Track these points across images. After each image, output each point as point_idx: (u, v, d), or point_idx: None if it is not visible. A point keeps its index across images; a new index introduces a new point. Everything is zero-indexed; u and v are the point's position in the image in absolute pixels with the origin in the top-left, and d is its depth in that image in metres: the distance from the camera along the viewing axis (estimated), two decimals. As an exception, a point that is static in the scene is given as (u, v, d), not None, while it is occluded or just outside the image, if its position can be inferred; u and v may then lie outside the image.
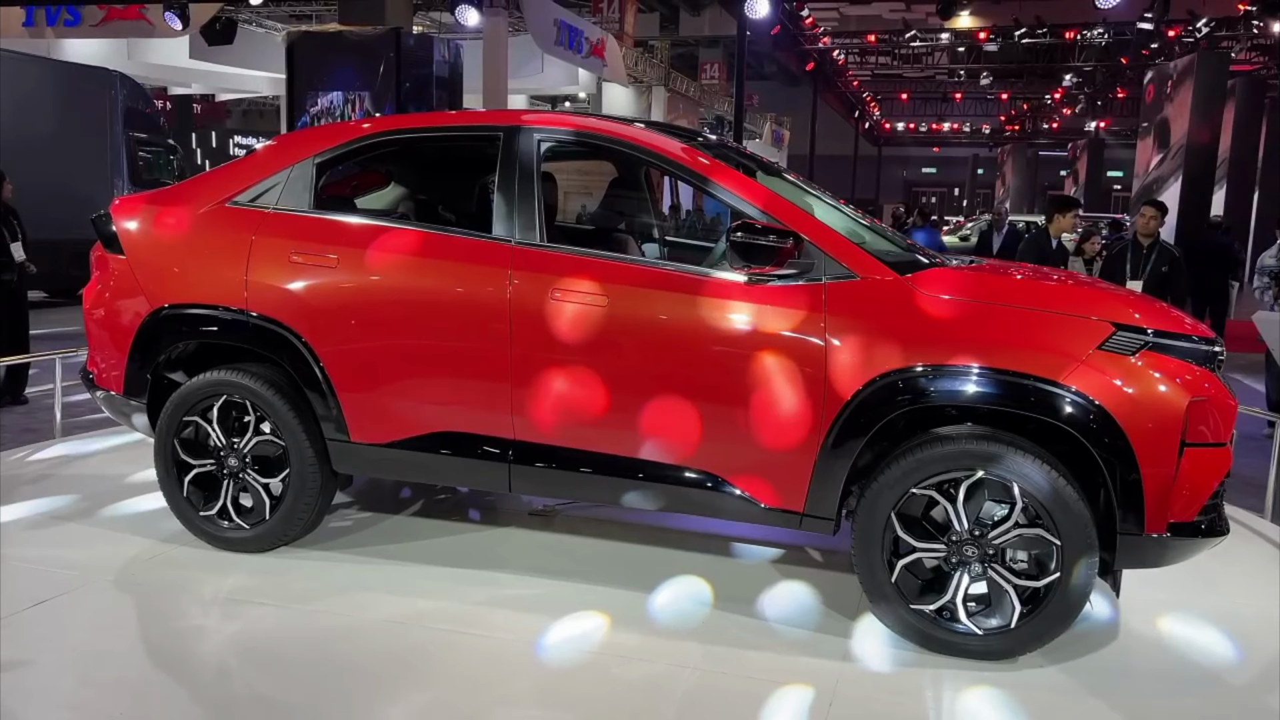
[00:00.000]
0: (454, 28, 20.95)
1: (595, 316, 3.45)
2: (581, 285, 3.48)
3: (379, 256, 3.69)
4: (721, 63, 30.36)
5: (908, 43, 25.45)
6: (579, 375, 3.50)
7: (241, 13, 20.50)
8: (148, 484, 4.61)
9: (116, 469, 5.04)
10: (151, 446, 3.98)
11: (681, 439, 3.43)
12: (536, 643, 3.22)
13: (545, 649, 3.18)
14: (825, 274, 3.31)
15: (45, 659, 3.02)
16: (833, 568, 3.98)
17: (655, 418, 3.44)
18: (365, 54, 14.78)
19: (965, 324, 3.19)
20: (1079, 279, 3.93)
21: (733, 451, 3.37)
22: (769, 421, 3.31)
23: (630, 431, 3.47)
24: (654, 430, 3.45)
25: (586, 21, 20.25)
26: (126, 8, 18.22)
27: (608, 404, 3.48)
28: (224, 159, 34.06)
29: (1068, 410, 3.05)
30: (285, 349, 3.75)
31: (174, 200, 4.05)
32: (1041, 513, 3.08)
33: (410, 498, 4.69)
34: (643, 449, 3.47)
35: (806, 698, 2.93)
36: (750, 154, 4.44)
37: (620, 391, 3.46)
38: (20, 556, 3.83)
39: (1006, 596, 3.16)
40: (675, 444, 3.44)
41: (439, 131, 3.94)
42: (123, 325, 3.97)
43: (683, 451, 3.44)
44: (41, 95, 12.96)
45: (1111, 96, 33.04)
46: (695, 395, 3.38)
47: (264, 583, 3.62)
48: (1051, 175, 47.64)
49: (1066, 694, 3.02)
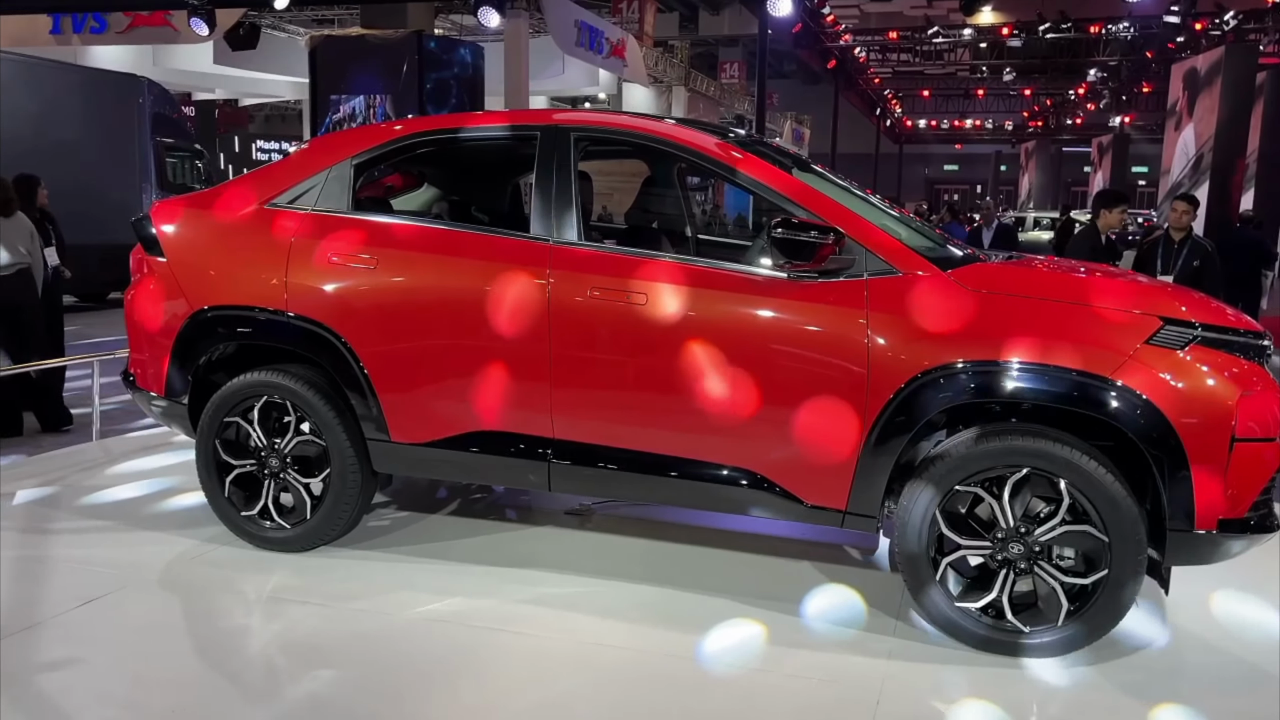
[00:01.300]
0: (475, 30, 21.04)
1: (634, 314, 3.45)
2: (620, 283, 3.48)
3: (417, 256, 3.70)
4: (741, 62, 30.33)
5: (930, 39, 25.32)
6: (618, 374, 3.50)
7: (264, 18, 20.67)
8: (187, 484, 4.66)
9: (156, 470, 5.09)
10: (191, 447, 4.01)
11: (722, 437, 3.42)
12: (579, 642, 3.21)
13: (588, 648, 3.18)
14: (866, 270, 3.29)
15: (96, 658, 3.05)
16: (873, 566, 3.96)
17: (695, 416, 3.43)
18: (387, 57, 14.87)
19: (1009, 320, 3.16)
20: (1124, 274, 3.89)
21: (774, 449, 3.36)
22: (810, 419, 3.29)
23: (670, 430, 3.47)
24: (694, 428, 3.44)
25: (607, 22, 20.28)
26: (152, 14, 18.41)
27: (647, 402, 3.47)
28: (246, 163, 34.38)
29: (1115, 406, 3.02)
30: (325, 349, 3.76)
31: (213, 203, 4.08)
32: (1089, 509, 3.05)
33: (446, 498, 4.71)
34: (683, 447, 3.47)
35: (853, 696, 2.91)
36: (784, 149, 4.42)
37: (660, 390, 3.45)
38: (66, 557, 3.87)
39: (1053, 594, 3.13)
40: (716, 442, 3.43)
41: (476, 132, 3.94)
42: (164, 327, 4.00)
43: (723, 450, 3.43)
44: (71, 101, 13.09)
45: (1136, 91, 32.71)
46: (735, 393, 3.36)
47: (306, 582, 3.64)
48: (1075, 171, 47.22)
49: (1113, 692, 2.98)
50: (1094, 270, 3.68)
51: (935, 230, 3.98)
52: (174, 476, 4.92)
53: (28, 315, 6.14)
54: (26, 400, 6.17)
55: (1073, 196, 44.64)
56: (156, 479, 4.92)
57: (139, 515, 4.36)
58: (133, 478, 4.95)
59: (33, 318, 6.18)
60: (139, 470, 5.10)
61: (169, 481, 4.86)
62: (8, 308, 5.98)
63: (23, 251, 6.05)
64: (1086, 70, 30.44)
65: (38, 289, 6.24)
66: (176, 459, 5.25)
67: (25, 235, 6.10)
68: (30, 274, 6.12)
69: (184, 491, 4.63)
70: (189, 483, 4.61)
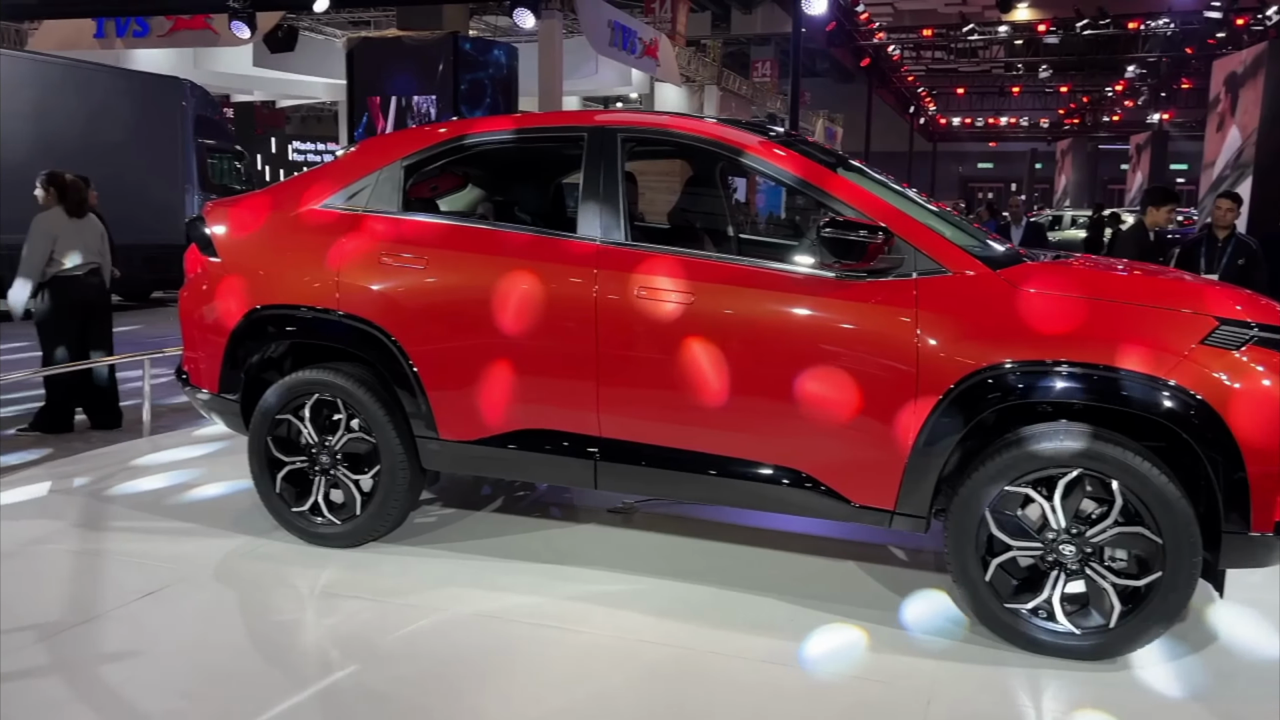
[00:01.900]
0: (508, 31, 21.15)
1: (681, 314, 3.47)
2: (667, 283, 3.50)
3: (467, 257, 3.75)
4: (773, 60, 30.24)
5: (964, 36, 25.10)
6: (665, 373, 3.52)
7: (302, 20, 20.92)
8: (237, 480, 4.74)
9: (206, 465, 5.18)
10: (238, 444, 4.08)
11: (769, 436, 3.43)
12: (626, 639, 3.24)
13: (636, 645, 3.20)
14: (916, 269, 3.29)
15: (156, 649, 3.11)
16: (918, 566, 3.95)
17: (742, 415, 3.45)
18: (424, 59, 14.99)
19: (1062, 319, 3.14)
20: (1177, 273, 3.85)
21: (822, 449, 3.37)
22: (859, 419, 3.29)
23: (717, 429, 3.48)
24: (741, 427, 3.46)
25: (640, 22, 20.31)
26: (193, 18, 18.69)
27: (694, 401, 3.49)
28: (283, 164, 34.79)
29: (1170, 406, 2.99)
30: (376, 348, 3.82)
31: (266, 203, 4.15)
32: (1142, 511, 3.03)
33: (490, 495, 4.76)
34: (730, 446, 3.48)
35: (903, 697, 2.91)
36: (828, 149, 4.42)
37: (707, 389, 3.47)
38: (122, 551, 3.96)
39: (1105, 596, 3.11)
40: (763, 441, 3.44)
41: (524, 133, 3.98)
42: (217, 326, 4.08)
43: (771, 449, 3.44)
44: (116, 104, 13.32)
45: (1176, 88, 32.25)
46: (783, 392, 3.37)
47: (357, 577, 3.69)
48: (1112, 169, 46.62)
49: (1166, 696, 2.96)
50: (1146, 269, 3.65)
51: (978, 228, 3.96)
52: (223, 473, 5.00)
53: (99, 314, 6.32)
54: (82, 398, 6.31)
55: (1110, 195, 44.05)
56: (206, 475, 5.00)
57: (191, 510, 4.44)
58: (183, 474, 5.04)
59: (103, 316, 6.36)
60: (189, 466, 5.19)
61: (219, 477, 4.94)
62: (80, 305, 6.15)
63: (95, 251, 6.21)
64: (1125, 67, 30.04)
65: (108, 288, 6.42)
66: (225, 455, 5.33)
67: (96, 235, 6.28)
68: (101, 273, 6.30)
69: (233, 488, 4.71)
70: (237, 480, 4.69)
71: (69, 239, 6.05)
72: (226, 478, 4.91)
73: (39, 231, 5.98)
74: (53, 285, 6.05)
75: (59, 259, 6.02)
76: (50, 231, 5.99)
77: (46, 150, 11.66)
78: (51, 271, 6.02)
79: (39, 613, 3.34)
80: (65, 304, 6.09)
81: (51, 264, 6.01)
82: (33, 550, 3.94)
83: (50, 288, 6.05)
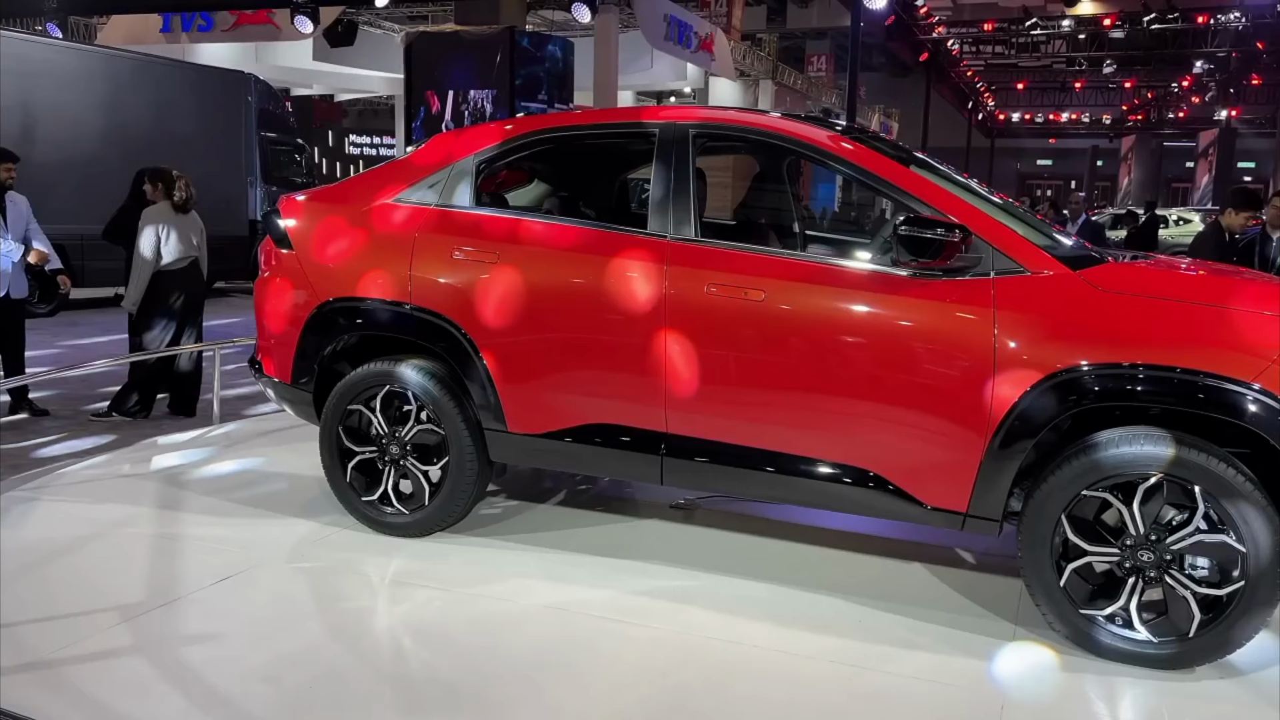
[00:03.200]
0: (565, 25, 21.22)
1: (751, 311, 3.46)
2: (737, 280, 3.49)
3: (537, 252, 3.77)
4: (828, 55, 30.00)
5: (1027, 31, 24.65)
6: (734, 370, 3.52)
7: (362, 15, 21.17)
8: (304, 469, 4.82)
9: (273, 454, 5.29)
10: (306, 433, 4.14)
11: (841, 436, 3.41)
12: (693, 635, 3.24)
13: (702, 641, 3.20)
14: (993, 268, 3.25)
15: (234, 632, 3.19)
16: (988, 569, 3.90)
17: (813, 414, 3.43)
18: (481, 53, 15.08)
19: (1144, 321, 3.09)
20: (1262, 275, 3.75)
21: (895, 450, 3.34)
22: (933, 420, 3.26)
23: (788, 427, 3.47)
24: (812, 426, 3.44)
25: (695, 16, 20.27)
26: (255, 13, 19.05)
27: (764, 399, 3.48)
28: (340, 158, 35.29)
29: (1256, 412, 2.92)
30: (446, 341, 3.86)
31: (340, 197, 4.22)
32: (1225, 519, 2.96)
33: (553, 487, 4.79)
34: (801, 445, 3.46)
35: (977, 701, 2.88)
36: (898, 144, 4.38)
37: (777, 387, 3.46)
38: (198, 536, 4.05)
39: (1184, 604, 3.04)
40: (834, 441, 3.42)
41: (595, 130, 4.00)
42: (291, 317, 4.15)
43: (842, 449, 3.41)
44: (182, 98, 13.61)
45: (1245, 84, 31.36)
46: (856, 392, 3.35)
47: (426, 567, 3.74)
48: (1177, 166, 45.50)
49: (1246, 706, 2.90)
50: (1230, 272, 3.56)
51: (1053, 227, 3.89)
52: (292, 461, 5.09)
53: (195, 306, 6.55)
54: (167, 384, 6.51)
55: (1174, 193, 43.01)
56: (275, 463, 5.11)
57: (261, 498, 4.53)
58: (253, 461, 5.15)
59: (198, 308, 6.58)
60: (258, 454, 5.30)
61: (287, 466, 5.04)
62: (179, 298, 6.38)
63: (195, 244, 6.42)
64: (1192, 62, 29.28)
65: (204, 281, 6.65)
66: (293, 444, 5.44)
67: (197, 230, 6.54)
68: (199, 266, 6.51)
69: (302, 476, 4.80)
70: (307, 468, 4.78)
71: (174, 233, 6.26)
72: (294, 466, 5.00)
73: (148, 226, 6.19)
74: (156, 279, 6.26)
75: (163, 254, 6.22)
76: (159, 226, 6.20)
77: (118, 143, 11.97)
78: (158, 265, 6.23)
79: (122, 594, 3.43)
80: (165, 296, 6.31)
81: (158, 258, 6.22)
82: (114, 533, 4.05)
83: (153, 281, 6.25)
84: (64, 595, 3.42)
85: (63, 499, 4.45)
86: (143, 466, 5.05)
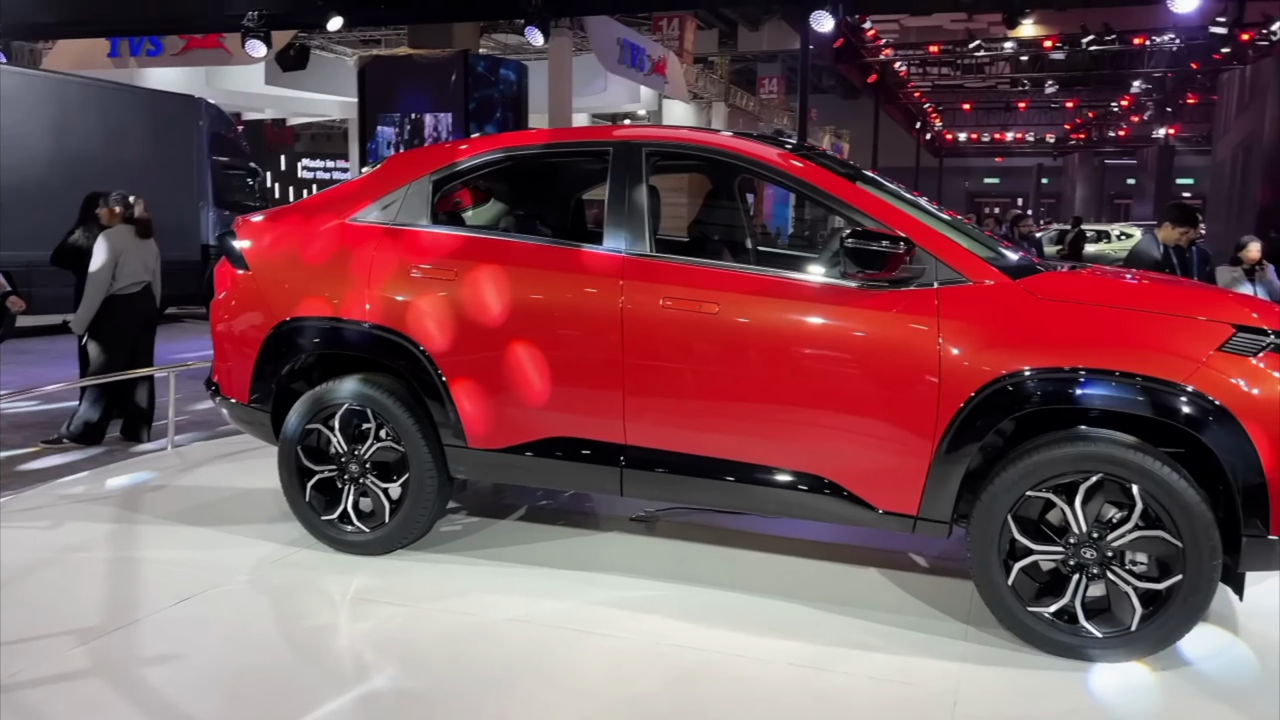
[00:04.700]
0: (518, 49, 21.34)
1: (706, 324, 3.54)
2: (692, 294, 3.57)
3: (495, 269, 3.83)
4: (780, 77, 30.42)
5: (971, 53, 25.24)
6: (690, 381, 3.60)
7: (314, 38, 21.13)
8: (262, 489, 4.81)
9: (231, 475, 5.26)
10: (261, 453, 4.14)
11: (795, 444, 3.49)
12: (658, 643, 3.29)
13: (667, 649, 3.26)
14: (937, 279, 3.36)
15: (196, 653, 3.18)
16: (939, 572, 4.00)
17: (768, 423, 3.52)
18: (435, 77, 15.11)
19: (1081, 327, 3.22)
20: (1192, 282, 3.92)
21: (848, 456, 3.43)
22: (883, 427, 3.36)
23: (744, 437, 3.55)
24: (767, 435, 3.52)
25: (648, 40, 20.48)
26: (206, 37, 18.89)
27: (720, 409, 3.56)
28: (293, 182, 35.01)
29: (1189, 412, 3.06)
30: (405, 359, 3.89)
31: (296, 218, 4.24)
32: (1163, 515, 3.08)
33: (513, 503, 4.82)
34: (756, 454, 3.55)
35: (930, 699, 2.96)
36: (843, 160, 4.50)
37: (733, 398, 3.54)
38: (156, 558, 4.03)
39: (1126, 599, 3.16)
40: (788, 449, 3.51)
41: (550, 149, 4.08)
42: (248, 337, 4.16)
43: (797, 457, 3.50)
44: (133, 122, 13.47)
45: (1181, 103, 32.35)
46: (808, 400, 3.44)
47: (388, 583, 3.76)
48: (1118, 183, 46.74)
49: (1189, 697, 3.01)
50: (1162, 279, 3.71)
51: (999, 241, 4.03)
52: (249, 482, 5.07)
53: (149, 329, 6.53)
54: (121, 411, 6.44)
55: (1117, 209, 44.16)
56: (231, 485, 5.08)
57: (220, 519, 4.50)
58: (209, 483, 5.12)
59: (151, 334, 6.53)
60: (214, 476, 5.26)
61: (244, 487, 5.01)
62: (134, 323, 6.33)
63: (150, 269, 6.38)
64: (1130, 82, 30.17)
65: (158, 307, 6.60)
66: (249, 465, 5.41)
67: (153, 255, 6.50)
68: (151, 291, 6.46)
69: (259, 496, 4.78)
70: (264, 488, 4.76)
71: (131, 257, 6.21)
72: (251, 487, 4.98)
73: (106, 248, 6.12)
74: (109, 303, 6.19)
75: (118, 277, 6.17)
76: (117, 248, 6.14)
77: (67, 169, 11.81)
78: (112, 289, 6.16)
79: (78, 618, 3.40)
80: (118, 321, 6.24)
81: (112, 281, 6.15)
82: (69, 557, 4.01)
83: (106, 305, 6.18)
84: (19, 620, 3.38)
85: (15, 525, 4.39)
86: (97, 490, 4.99)
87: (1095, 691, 3.03)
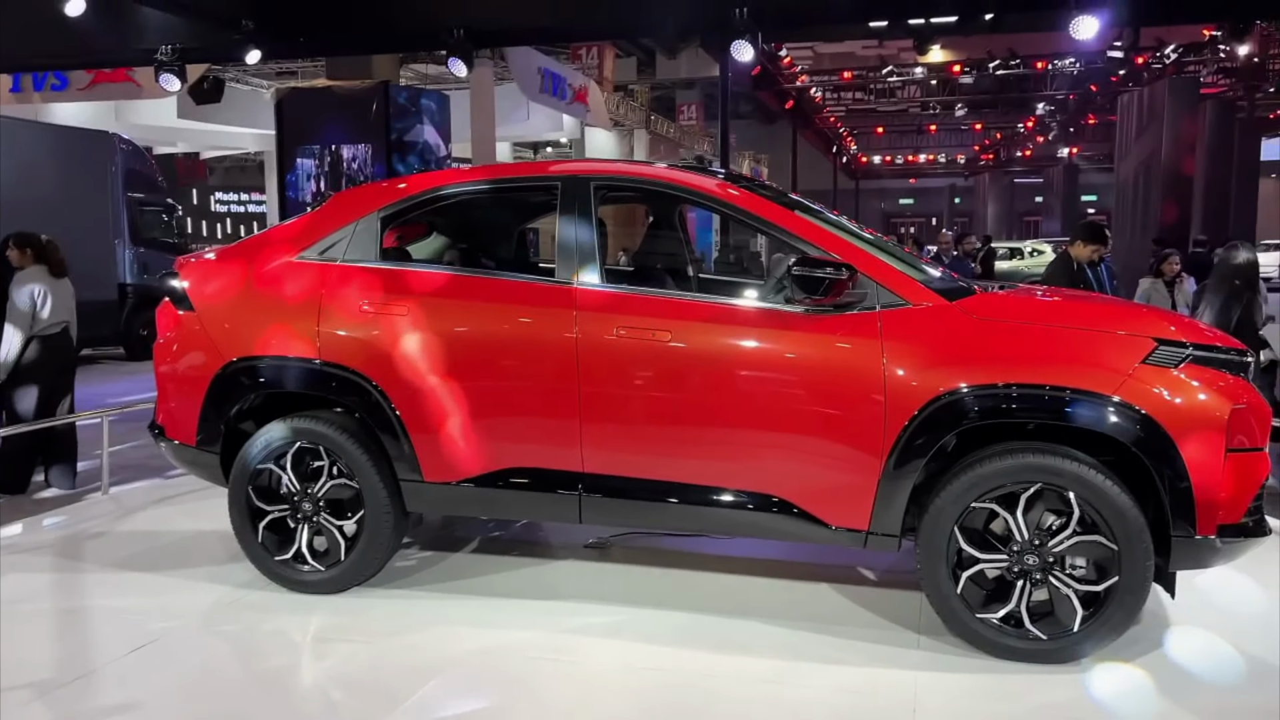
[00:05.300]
0: (439, 79, 21.30)
1: (659, 351, 3.63)
2: (644, 322, 3.66)
3: (447, 302, 3.86)
4: (699, 103, 30.87)
5: (884, 78, 26.05)
6: (646, 408, 3.68)
7: (229, 71, 20.78)
8: (208, 531, 4.73)
9: (173, 518, 5.16)
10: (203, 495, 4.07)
11: (749, 465, 3.59)
12: (624, 666, 3.35)
13: (633, 672, 3.31)
14: (879, 302, 3.51)
15: (154, 701, 3.12)
16: (889, 584, 4.14)
17: (722, 446, 3.61)
18: (354, 108, 14.99)
19: (1016, 345, 3.39)
20: (1117, 300, 4.15)
21: (800, 476, 3.54)
22: (833, 446, 3.48)
23: (699, 460, 3.64)
24: (721, 458, 3.62)
25: (569, 68, 20.65)
26: (114, 71, 18.43)
27: (676, 434, 3.65)
28: (205, 216, 34.24)
29: (1118, 422, 3.24)
30: (358, 395, 3.89)
31: (242, 256, 4.21)
32: (1099, 520, 3.26)
33: (466, 535, 4.82)
34: (712, 476, 3.64)
35: (889, 706, 3.08)
36: (773, 186, 4.66)
37: (687, 422, 3.63)
38: (105, 607, 3.94)
39: (1068, 601, 3.32)
40: (743, 470, 3.61)
41: (498, 184, 4.14)
42: (194, 378, 4.11)
43: (751, 478, 3.60)
44: (44, 159, 13.07)
45: (1083, 123, 33.83)
46: (760, 423, 3.55)
47: (348, 621, 3.74)
48: (1028, 202, 48.54)
49: (1133, 693, 3.18)
50: (1088, 297, 3.93)
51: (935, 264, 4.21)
52: (192, 524, 4.98)
53: (70, 371, 6.31)
54: (44, 455, 6.23)
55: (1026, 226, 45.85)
56: (176, 528, 4.98)
57: (167, 564, 4.42)
58: (151, 527, 5.01)
59: (71, 374, 6.32)
60: (156, 520, 5.15)
61: (189, 529, 4.92)
62: (54, 365, 6.12)
63: (68, 310, 6.20)
64: (1034, 104, 31.46)
65: (75, 347, 6.40)
66: (190, 507, 5.30)
67: (69, 296, 6.27)
68: (69, 332, 6.26)
69: (205, 539, 4.70)
70: (209, 530, 4.68)
71: (50, 297, 6.03)
72: (196, 529, 4.89)
73: (24, 290, 5.94)
74: (29, 344, 6.00)
75: (39, 318, 5.99)
76: (34, 289, 5.96)
77: (-26, 207, 11.41)
78: (33, 330, 5.98)
79: (31, 671, 3.31)
80: (41, 363, 6.05)
81: (34, 323, 5.97)
82: (12, 610, 3.89)
83: (27, 347, 5.99)
84: (-35, 678, 3.28)
85: (-52, 581, 4.25)
86: (32, 540, 4.85)
87: (1045, 692, 3.17)
